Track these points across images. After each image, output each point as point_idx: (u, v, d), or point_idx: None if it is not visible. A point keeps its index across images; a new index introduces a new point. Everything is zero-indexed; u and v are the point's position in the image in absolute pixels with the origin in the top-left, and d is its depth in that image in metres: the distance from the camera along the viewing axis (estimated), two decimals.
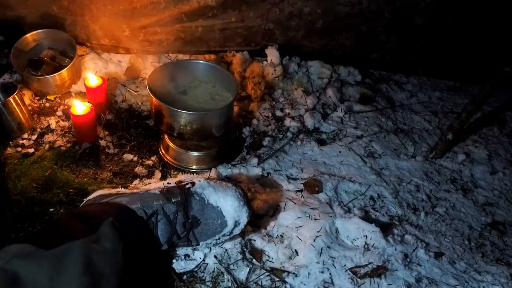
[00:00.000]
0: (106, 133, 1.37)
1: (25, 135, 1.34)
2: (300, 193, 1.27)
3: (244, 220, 0.99)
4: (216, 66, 1.32)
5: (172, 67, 1.30)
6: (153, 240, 0.94)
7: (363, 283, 1.04)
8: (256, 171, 1.33)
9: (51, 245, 0.73)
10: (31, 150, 1.28)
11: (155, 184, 1.07)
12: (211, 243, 1.01)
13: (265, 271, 1.05)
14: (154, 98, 1.17)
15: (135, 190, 1.03)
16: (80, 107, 1.26)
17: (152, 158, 1.32)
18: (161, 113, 1.19)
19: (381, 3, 1.64)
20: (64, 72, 1.45)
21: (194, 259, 1.05)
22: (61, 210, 1.12)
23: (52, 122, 1.39)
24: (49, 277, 0.68)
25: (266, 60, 1.70)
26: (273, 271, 1.05)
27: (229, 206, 0.97)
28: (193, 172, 1.30)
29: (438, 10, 1.68)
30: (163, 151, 1.34)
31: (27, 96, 1.45)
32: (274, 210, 1.20)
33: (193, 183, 1.00)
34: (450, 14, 1.71)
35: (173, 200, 0.96)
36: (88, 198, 1.03)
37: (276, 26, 1.68)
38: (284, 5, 1.61)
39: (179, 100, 1.25)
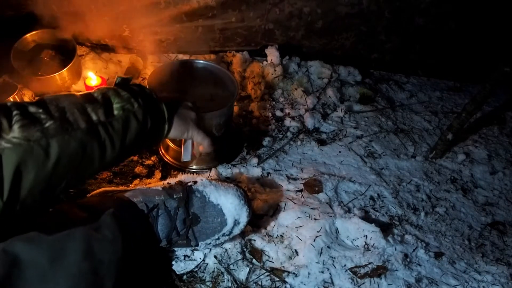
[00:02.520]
0: None
1: None
2: (300, 193, 1.27)
3: (244, 219, 0.99)
4: (216, 66, 1.32)
5: (172, 67, 1.29)
6: (152, 234, 0.95)
7: (363, 283, 1.04)
8: (256, 171, 1.33)
9: (52, 232, 0.73)
10: None
11: (155, 184, 1.07)
12: (210, 243, 1.01)
13: (265, 271, 1.05)
14: None
15: (138, 187, 1.04)
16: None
17: (152, 158, 1.32)
18: None
19: (381, 3, 1.64)
20: (64, 72, 1.45)
21: (194, 259, 1.05)
22: None
23: None
24: (49, 261, 0.68)
25: (266, 60, 1.70)
26: (273, 271, 1.06)
27: (230, 204, 0.97)
28: (193, 172, 1.30)
29: (438, 10, 1.69)
30: (163, 151, 1.34)
31: (27, 96, 1.45)
32: (274, 210, 1.20)
33: (195, 181, 1.01)
34: (450, 14, 1.71)
35: (174, 196, 0.96)
36: (91, 194, 1.03)
37: (276, 26, 1.68)
38: (284, 5, 1.61)
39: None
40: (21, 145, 0.64)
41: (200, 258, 1.05)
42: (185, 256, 1.05)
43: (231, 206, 0.97)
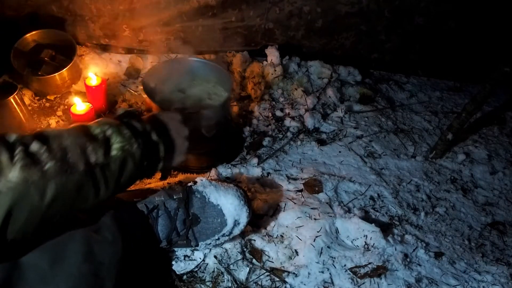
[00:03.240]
0: None
1: None
2: (300, 193, 1.27)
3: (244, 220, 0.99)
4: (214, 65, 1.32)
5: (169, 65, 1.29)
6: (152, 235, 0.95)
7: (363, 283, 1.04)
8: (256, 171, 1.33)
9: (52, 234, 0.74)
10: None
11: (155, 184, 1.07)
12: (210, 243, 1.01)
13: (265, 271, 1.05)
14: (146, 96, 1.17)
15: (138, 188, 1.04)
16: (80, 106, 1.27)
17: None
18: (150, 110, 1.19)
19: (381, 2, 1.64)
20: (64, 72, 1.45)
21: (194, 259, 1.05)
22: None
23: (52, 122, 1.39)
24: (49, 263, 0.69)
25: (266, 60, 1.70)
26: (273, 271, 1.06)
27: (229, 204, 0.97)
28: (193, 172, 1.30)
29: (438, 10, 1.69)
30: None
31: (27, 96, 1.45)
32: (274, 210, 1.20)
33: (195, 182, 1.01)
34: (450, 14, 1.71)
35: (174, 197, 0.96)
36: None
37: (276, 25, 1.68)
38: (284, 4, 1.61)
39: (176, 98, 1.25)
40: (18, 187, 0.64)
41: (200, 258, 1.05)
42: (185, 256, 1.05)
43: (231, 207, 0.97)
